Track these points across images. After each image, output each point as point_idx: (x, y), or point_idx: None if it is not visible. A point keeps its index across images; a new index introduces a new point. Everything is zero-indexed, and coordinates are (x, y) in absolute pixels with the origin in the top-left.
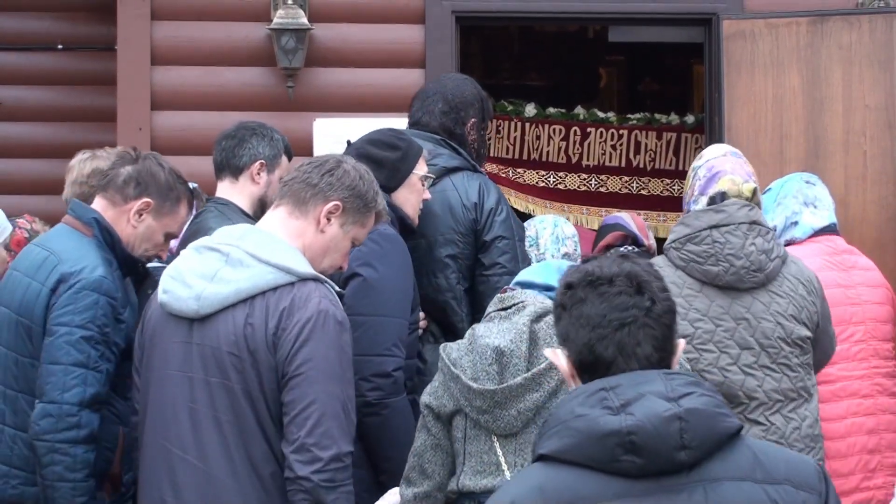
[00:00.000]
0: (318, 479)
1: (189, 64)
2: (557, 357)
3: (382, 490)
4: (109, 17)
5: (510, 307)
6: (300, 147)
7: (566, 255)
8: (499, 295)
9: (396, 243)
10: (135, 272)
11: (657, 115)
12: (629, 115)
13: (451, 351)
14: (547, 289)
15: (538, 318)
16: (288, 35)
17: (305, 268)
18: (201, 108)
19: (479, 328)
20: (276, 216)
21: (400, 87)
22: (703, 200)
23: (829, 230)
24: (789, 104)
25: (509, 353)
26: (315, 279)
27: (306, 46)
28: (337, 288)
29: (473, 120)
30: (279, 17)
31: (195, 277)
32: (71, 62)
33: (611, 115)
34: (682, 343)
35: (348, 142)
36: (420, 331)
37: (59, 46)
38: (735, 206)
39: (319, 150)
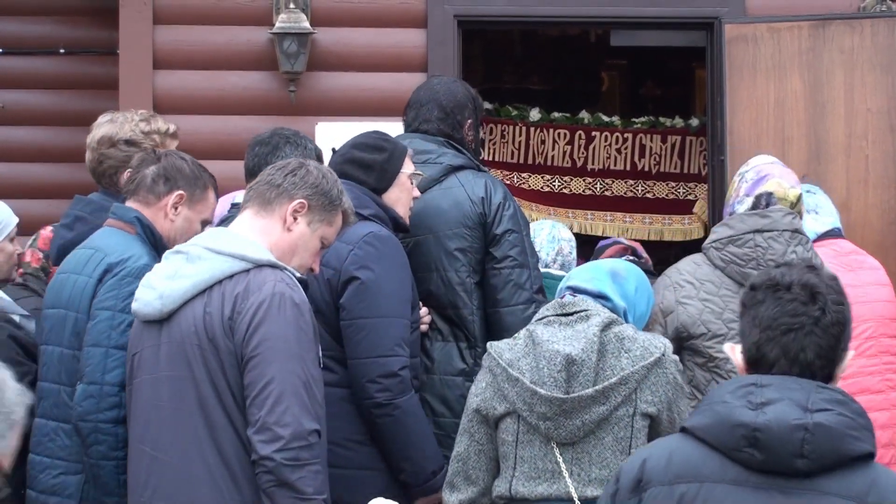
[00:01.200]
0: (280, 458)
1: (191, 68)
2: (734, 352)
3: (403, 491)
4: (111, 21)
5: (572, 314)
6: None
7: (559, 254)
8: (558, 300)
9: (391, 244)
10: None
11: (662, 119)
12: (634, 119)
13: (502, 351)
14: (599, 296)
15: (605, 327)
16: (290, 39)
17: (262, 255)
18: (203, 112)
19: (540, 331)
20: (243, 218)
21: (402, 90)
22: (749, 201)
23: (832, 234)
24: (791, 108)
25: (580, 363)
26: (272, 266)
27: (308, 50)
28: (298, 274)
29: (469, 121)
30: (281, 21)
31: (159, 279)
32: (73, 66)
33: (615, 118)
34: (850, 354)
35: (333, 149)
36: (425, 328)
37: (61, 50)
38: (780, 212)
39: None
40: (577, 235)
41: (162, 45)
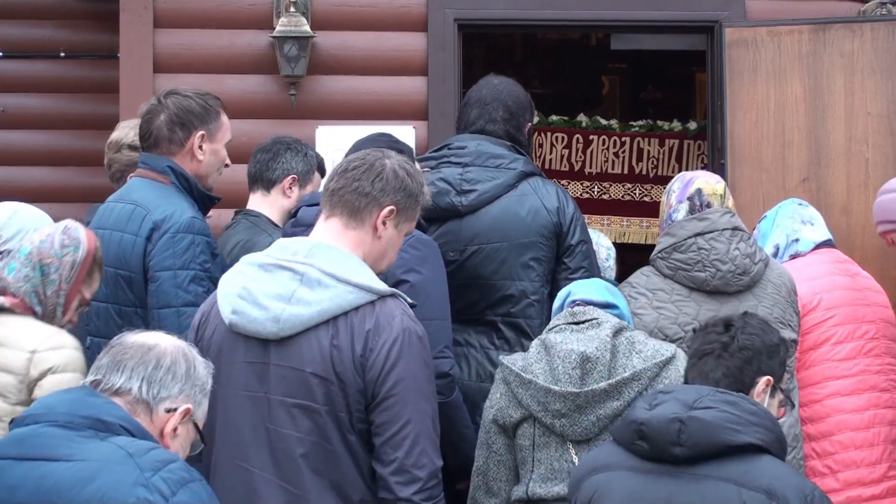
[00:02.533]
0: (419, 499)
1: (191, 72)
2: None
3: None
4: (112, 25)
5: (583, 322)
6: None
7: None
8: (569, 309)
9: (432, 246)
10: (209, 208)
11: (659, 122)
12: (632, 123)
13: (513, 361)
14: (606, 306)
15: (617, 332)
16: (290, 43)
17: (382, 284)
18: None
19: (553, 337)
20: (332, 229)
21: (402, 94)
22: (684, 207)
23: (828, 244)
24: (791, 112)
25: (594, 360)
26: (393, 295)
27: (309, 54)
28: (409, 300)
29: (529, 124)
30: (282, 25)
31: (269, 298)
32: (73, 70)
33: (613, 122)
34: (764, 379)
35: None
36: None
37: (62, 54)
38: (717, 213)
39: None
40: None
41: (162, 48)
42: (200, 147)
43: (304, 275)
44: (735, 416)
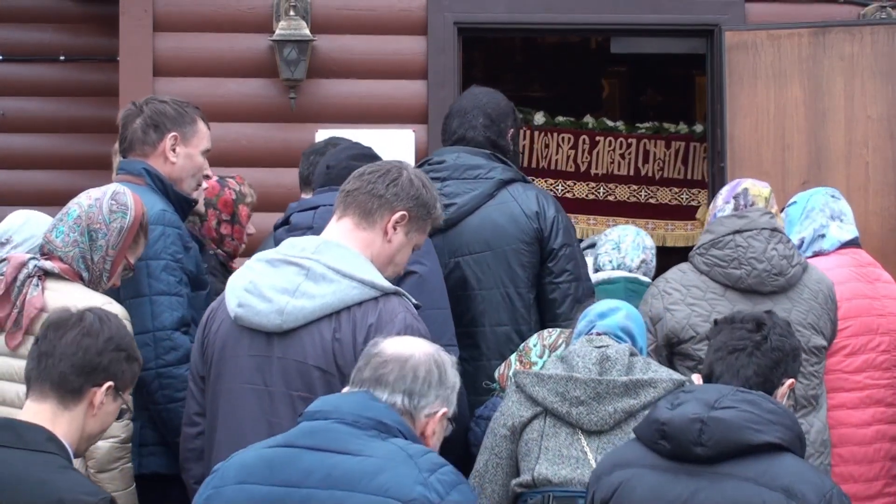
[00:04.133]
0: None
1: (191, 75)
2: (699, 380)
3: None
4: (112, 29)
5: (601, 347)
6: None
7: (643, 263)
8: (585, 337)
9: (431, 243)
10: (187, 212)
11: (665, 125)
12: (638, 125)
13: (528, 373)
14: (621, 338)
15: (633, 354)
16: (290, 46)
17: (386, 282)
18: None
19: (571, 349)
20: (343, 228)
21: (402, 98)
22: (729, 207)
23: (853, 243)
24: (791, 115)
25: (613, 360)
26: (396, 293)
27: (308, 57)
28: (415, 301)
29: (511, 130)
30: (281, 29)
31: (274, 292)
32: (73, 73)
33: (619, 123)
34: (788, 381)
35: (328, 166)
36: None
37: (62, 58)
38: (757, 212)
39: None
40: (579, 241)
41: (162, 52)
42: (174, 149)
43: (310, 269)
44: (755, 416)
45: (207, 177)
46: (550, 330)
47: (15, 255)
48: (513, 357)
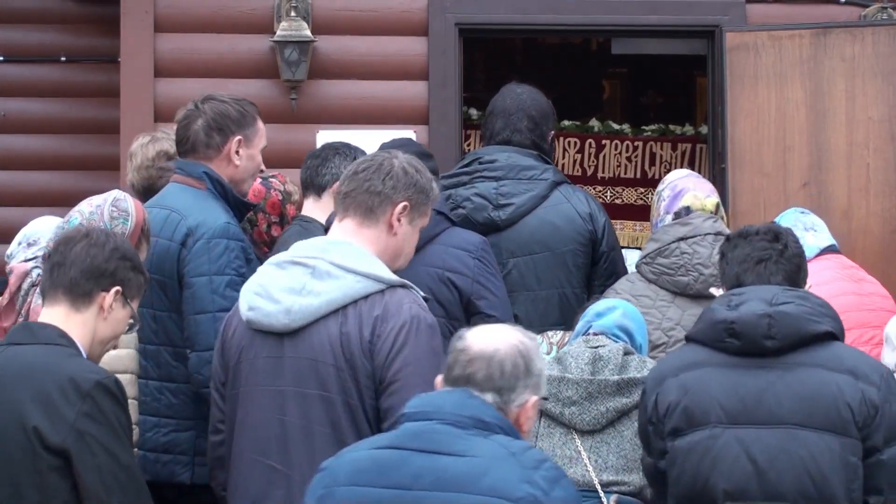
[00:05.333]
0: None
1: (192, 76)
2: (719, 292)
3: None
4: (113, 30)
5: (596, 347)
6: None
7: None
8: (582, 337)
9: (490, 250)
10: (244, 215)
11: (672, 127)
12: (644, 127)
13: None
14: (619, 337)
15: (628, 353)
16: (291, 47)
17: (392, 275)
18: None
19: (565, 349)
20: (346, 228)
21: (403, 98)
22: (669, 218)
23: (831, 250)
24: (792, 116)
25: (605, 359)
26: (403, 285)
27: (309, 58)
28: (423, 294)
29: (551, 132)
30: (282, 30)
31: (282, 292)
32: (74, 74)
33: (625, 126)
34: (808, 284)
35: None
36: None
37: (63, 58)
38: (700, 218)
39: None
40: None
41: (163, 53)
42: (237, 152)
43: (315, 268)
44: (811, 308)
45: (262, 171)
46: (556, 330)
47: (18, 264)
48: None
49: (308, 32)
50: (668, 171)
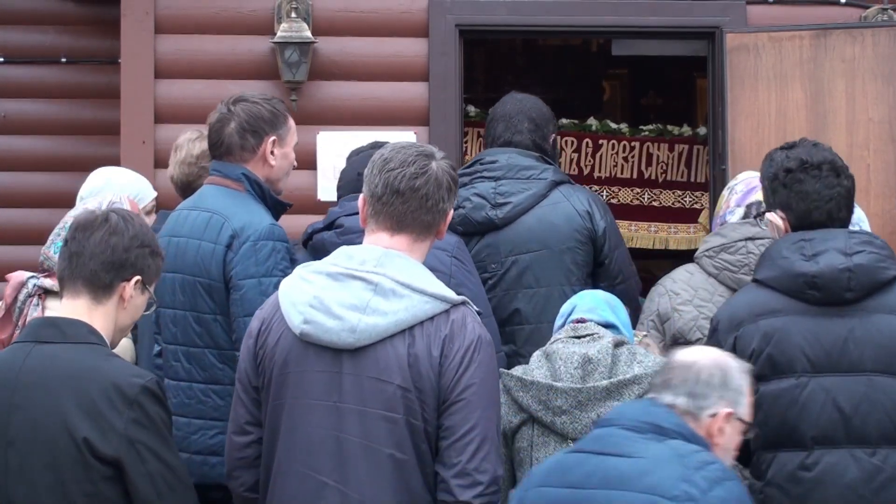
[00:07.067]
0: (477, 503)
1: (192, 77)
2: (775, 218)
3: None
4: (113, 31)
5: (583, 336)
6: (304, 161)
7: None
8: (569, 325)
9: (466, 250)
10: (280, 215)
11: (669, 127)
12: (641, 127)
13: (514, 372)
14: (606, 325)
15: (618, 344)
16: (291, 48)
17: (452, 293)
18: (205, 121)
19: (555, 347)
20: (400, 244)
21: (403, 100)
22: (740, 211)
23: None
24: (792, 118)
25: (595, 362)
26: (464, 303)
27: (310, 60)
28: (476, 308)
29: (553, 135)
30: (283, 31)
31: (343, 308)
32: (74, 75)
33: (623, 126)
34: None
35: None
36: None
37: (63, 60)
38: None
39: (323, 163)
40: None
41: (163, 54)
42: (272, 153)
43: (378, 284)
44: (879, 255)
45: (294, 167)
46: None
47: (14, 274)
48: None
49: (308, 34)
50: (665, 171)
